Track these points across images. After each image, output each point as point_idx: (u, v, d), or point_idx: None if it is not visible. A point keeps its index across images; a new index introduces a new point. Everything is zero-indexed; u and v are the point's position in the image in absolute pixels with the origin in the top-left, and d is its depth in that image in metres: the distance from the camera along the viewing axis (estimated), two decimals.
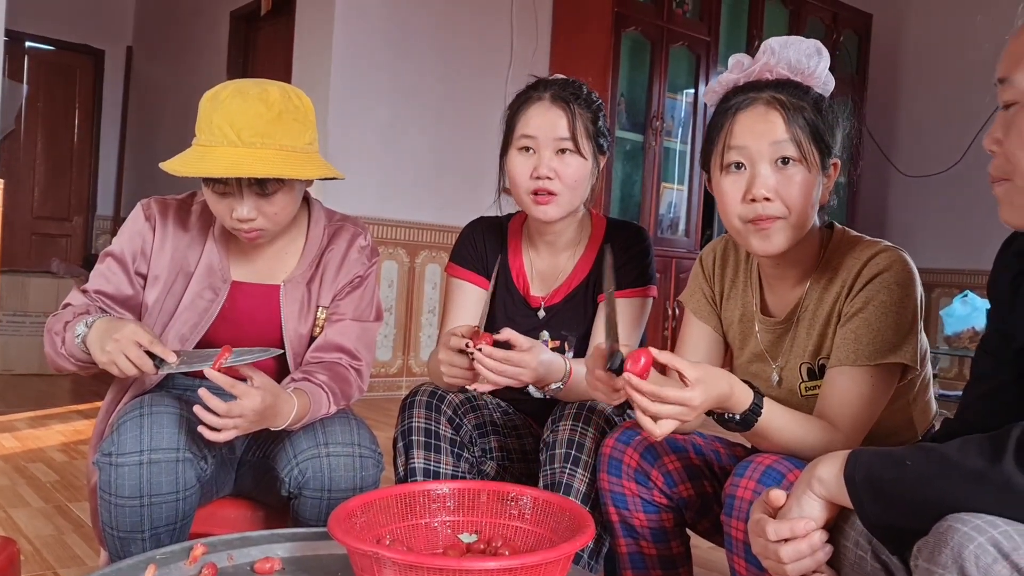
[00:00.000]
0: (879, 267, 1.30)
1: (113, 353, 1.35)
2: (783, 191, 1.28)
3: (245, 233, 1.49)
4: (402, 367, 4.93)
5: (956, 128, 5.69)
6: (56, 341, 1.45)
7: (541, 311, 1.73)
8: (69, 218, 7.15)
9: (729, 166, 1.31)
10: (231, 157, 1.39)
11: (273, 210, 1.47)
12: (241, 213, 1.45)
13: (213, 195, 1.47)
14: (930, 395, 1.45)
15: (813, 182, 1.29)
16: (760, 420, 1.22)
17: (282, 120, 1.42)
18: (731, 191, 1.31)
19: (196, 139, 1.44)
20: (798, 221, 1.29)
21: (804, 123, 1.28)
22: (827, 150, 1.31)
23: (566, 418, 1.51)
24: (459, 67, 4.98)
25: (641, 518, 1.41)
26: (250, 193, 1.44)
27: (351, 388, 1.58)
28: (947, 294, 5.68)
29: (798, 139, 1.27)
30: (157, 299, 1.58)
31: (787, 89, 1.31)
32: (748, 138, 1.29)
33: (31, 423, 3.70)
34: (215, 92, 1.44)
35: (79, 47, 6.97)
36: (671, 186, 5.31)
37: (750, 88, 1.32)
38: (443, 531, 1.33)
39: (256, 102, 1.41)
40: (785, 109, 1.28)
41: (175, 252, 1.58)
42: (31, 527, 2.34)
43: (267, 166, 1.39)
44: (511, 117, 1.65)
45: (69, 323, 1.44)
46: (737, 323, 1.50)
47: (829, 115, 1.32)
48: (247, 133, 1.39)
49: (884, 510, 0.87)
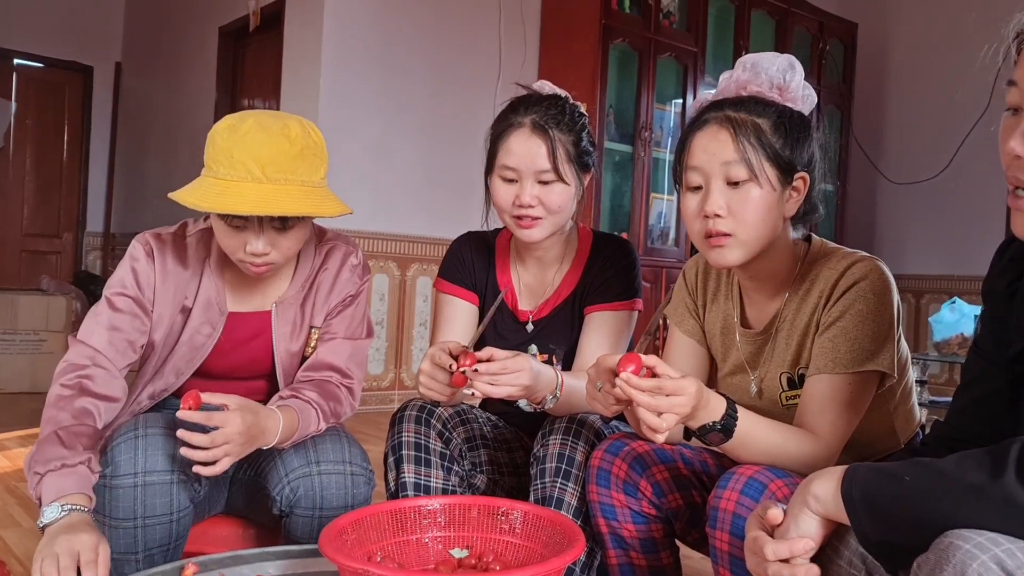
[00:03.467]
0: (855, 277, 1.32)
1: (45, 555, 1.22)
2: (735, 209, 1.30)
3: (255, 267, 1.47)
4: (394, 380, 4.93)
5: (943, 135, 5.74)
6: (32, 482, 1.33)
7: (529, 325, 1.74)
8: (59, 235, 7.12)
9: (689, 186, 1.34)
10: (257, 194, 1.37)
11: (288, 244, 1.47)
12: (256, 248, 1.44)
13: (228, 229, 1.44)
14: (912, 403, 1.47)
15: (769, 199, 1.30)
16: (738, 427, 1.23)
17: (304, 156, 1.41)
18: (691, 208, 1.35)
19: (211, 170, 1.41)
20: (750, 238, 1.31)
21: (756, 141, 1.29)
22: (786, 166, 1.31)
23: (556, 432, 1.52)
24: (448, 80, 5.00)
25: (630, 529, 1.42)
26: (269, 228, 1.43)
27: (342, 406, 1.58)
28: (936, 300, 5.71)
29: (747, 158, 1.28)
30: (162, 337, 1.56)
31: (747, 106, 1.32)
32: (702, 158, 1.32)
33: (22, 442, 3.68)
34: (233, 124, 1.41)
35: (68, 64, 6.96)
36: (660, 196, 5.33)
37: (713, 107, 1.35)
38: (434, 547, 1.34)
39: (279, 138, 1.40)
40: (735, 128, 1.30)
41: (176, 289, 1.56)
42: (22, 548, 2.32)
43: (293, 203, 1.39)
44: (493, 142, 1.65)
45: (45, 479, 1.31)
46: (719, 335, 1.51)
47: (793, 129, 1.32)
48: (271, 169, 1.38)
49: (882, 527, 0.86)
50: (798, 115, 1.35)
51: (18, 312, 4.93)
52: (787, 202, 1.33)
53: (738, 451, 1.27)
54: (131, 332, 1.53)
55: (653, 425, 1.16)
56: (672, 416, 1.17)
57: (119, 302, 1.53)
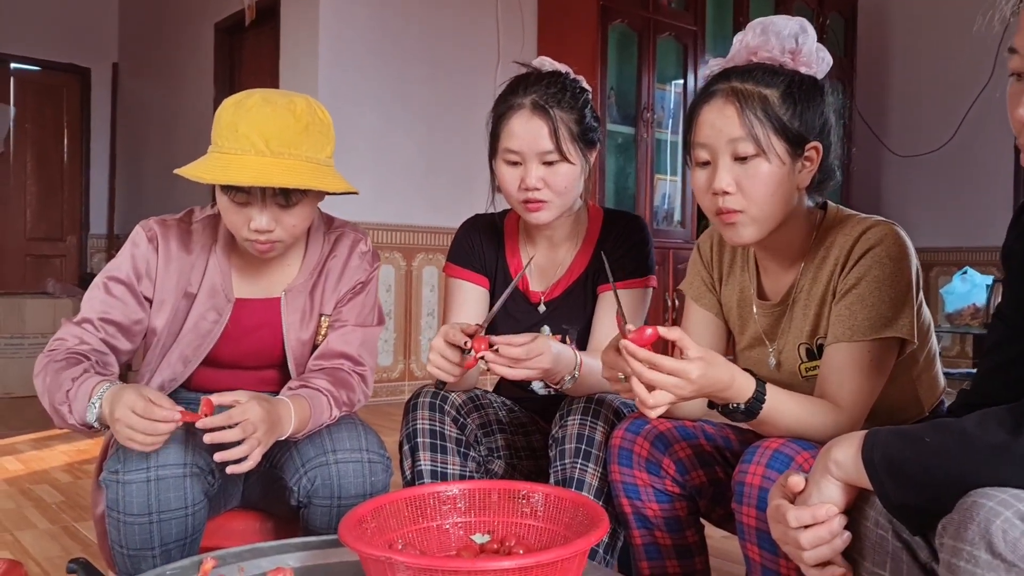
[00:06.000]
0: (871, 242, 1.29)
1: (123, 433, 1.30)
2: (744, 185, 1.27)
3: (260, 245, 1.46)
4: (403, 371, 4.91)
5: (947, 106, 5.70)
6: (63, 412, 1.38)
7: (541, 306, 1.72)
8: (63, 238, 7.12)
9: (698, 161, 1.32)
10: (258, 166, 1.36)
11: (292, 222, 1.45)
12: (260, 224, 1.42)
13: (232, 204, 1.43)
14: (936, 370, 1.44)
15: (779, 173, 1.27)
16: (764, 408, 1.21)
17: (309, 132, 1.40)
18: (700, 184, 1.32)
19: (216, 146, 1.41)
20: (761, 214, 1.28)
21: (763, 115, 1.25)
22: (796, 138, 1.27)
23: (574, 412, 1.50)
24: (447, 68, 4.97)
25: (654, 508, 1.40)
26: (272, 203, 1.42)
27: (355, 393, 1.57)
28: (945, 273, 5.67)
29: (754, 134, 1.25)
30: (165, 324, 1.55)
31: (755, 76, 1.28)
32: (709, 134, 1.29)
33: (34, 445, 3.68)
34: (239, 100, 1.41)
35: (65, 66, 6.94)
36: (664, 177, 5.30)
37: (721, 77, 1.31)
38: (455, 533, 1.32)
39: (284, 112, 1.39)
40: (741, 101, 1.26)
41: (180, 275, 1.55)
42: (38, 549, 2.32)
43: (295, 176, 1.37)
44: (494, 125, 1.63)
45: (77, 380, 1.38)
46: (736, 308, 1.49)
47: (804, 98, 1.28)
48: (275, 143, 1.37)
49: (904, 490, 0.85)
50: (809, 81, 1.31)
51: (25, 316, 4.92)
52: (800, 173, 1.30)
53: (763, 427, 1.25)
54: (121, 317, 1.52)
55: (642, 398, 1.14)
56: (665, 395, 1.14)
57: (112, 287, 1.53)
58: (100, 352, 1.50)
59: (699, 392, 1.16)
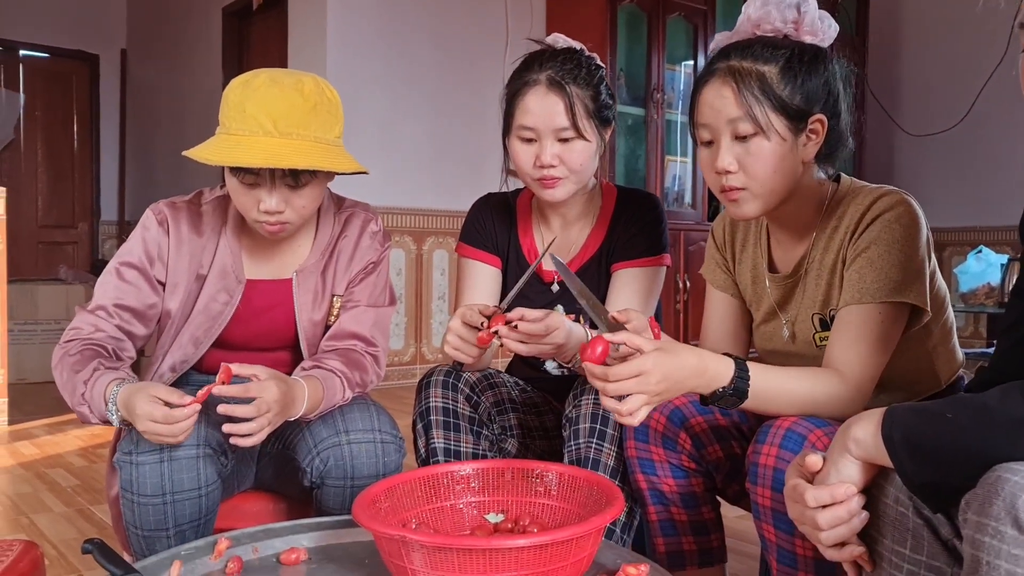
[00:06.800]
0: (881, 208, 1.28)
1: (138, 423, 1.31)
2: (745, 163, 1.27)
3: (269, 226, 1.45)
4: (415, 355, 4.92)
5: (960, 84, 5.63)
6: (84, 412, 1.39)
7: (555, 285, 1.70)
8: (74, 225, 7.14)
9: (701, 141, 1.32)
10: (268, 147, 1.35)
11: (301, 203, 1.44)
12: (270, 205, 1.41)
13: (241, 186, 1.42)
14: (953, 343, 1.42)
15: (780, 150, 1.26)
16: (752, 384, 1.19)
17: (317, 112, 1.39)
18: (705, 163, 1.33)
19: (223, 127, 1.40)
20: (764, 191, 1.28)
21: (761, 93, 1.24)
22: (797, 112, 1.26)
23: (588, 392, 1.49)
24: (455, 51, 4.95)
25: (670, 483, 1.40)
26: (282, 185, 1.41)
27: (367, 374, 1.56)
28: (959, 252, 5.62)
29: (752, 113, 1.24)
30: (179, 306, 1.55)
31: (754, 52, 1.27)
32: (709, 115, 1.29)
33: (49, 430, 3.70)
34: (246, 80, 1.40)
35: (73, 53, 6.94)
36: (675, 159, 5.27)
37: (721, 55, 1.30)
38: (469, 512, 1.32)
39: (292, 92, 1.38)
40: (738, 81, 1.25)
41: (191, 257, 1.55)
42: (54, 532, 2.33)
43: (304, 157, 1.36)
44: (508, 102, 1.61)
45: (88, 381, 1.38)
46: (751, 284, 1.49)
47: (805, 71, 1.27)
48: (283, 123, 1.36)
49: (925, 467, 0.84)
50: (811, 53, 1.29)
51: (38, 302, 4.94)
52: (804, 147, 1.29)
53: (763, 407, 1.23)
54: (135, 303, 1.52)
55: (615, 408, 1.13)
56: (636, 399, 1.12)
57: (125, 272, 1.53)
58: (116, 339, 1.50)
59: (669, 382, 1.14)
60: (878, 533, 0.93)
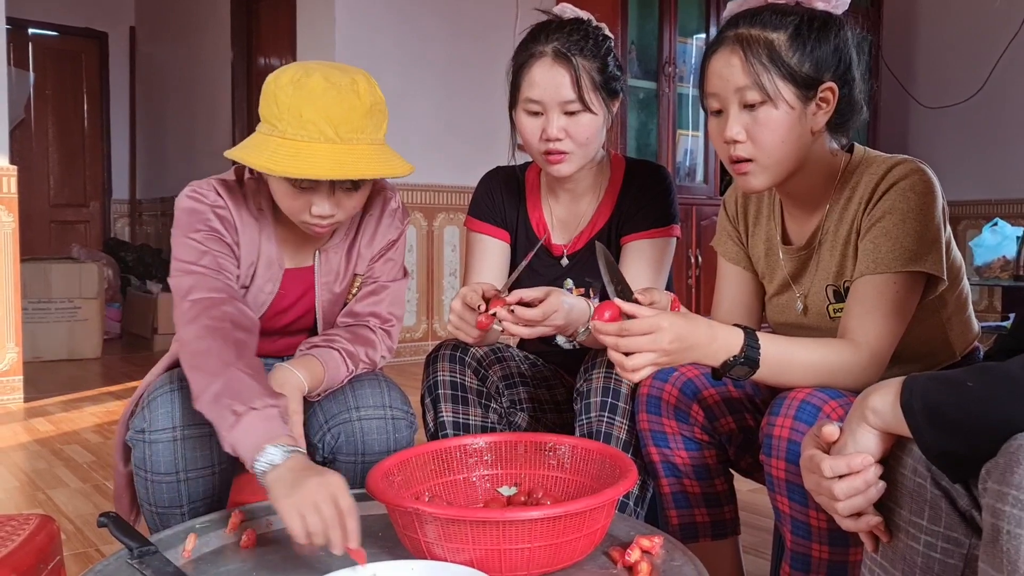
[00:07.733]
0: (896, 177, 1.27)
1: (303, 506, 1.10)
2: (753, 133, 1.26)
3: (320, 228, 1.41)
4: (426, 331, 4.93)
5: (975, 56, 5.55)
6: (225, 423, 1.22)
7: (564, 259, 1.69)
8: (86, 204, 7.17)
9: (711, 110, 1.32)
10: (332, 155, 1.30)
11: (353, 204, 1.41)
12: (323, 210, 1.37)
13: (293, 190, 1.37)
14: (969, 313, 1.41)
15: (788, 119, 1.25)
16: (763, 353, 1.19)
17: (372, 114, 1.35)
18: (714, 132, 1.32)
19: (276, 129, 1.33)
20: (772, 161, 1.27)
21: (769, 61, 1.23)
22: (806, 81, 1.24)
23: (599, 365, 1.48)
24: (464, 26, 4.91)
25: (683, 456, 1.39)
26: (339, 190, 1.38)
27: (375, 350, 1.54)
28: (974, 226, 5.57)
29: (760, 82, 1.23)
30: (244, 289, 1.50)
31: (763, 19, 1.26)
32: (717, 84, 1.28)
33: (64, 407, 3.73)
34: (297, 80, 1.32)
35: (82, 31, 6.94)
36: (687, 132, 5.23)
37: (730, 23, 1.29)
38: (482, 485, 1.32)
39: (350, 95, 1.32)
40: (746, 50, 1.24)
41: (248, 246, 1.50)
42: (71, 507, 2.35)
43: (368, 165, 1.33)
44: (514, 74, 1.59)
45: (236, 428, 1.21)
46: (764, 257, 1.47)
47: (814, 38, 1.25)
48: (344, 128, 1.32)
49: (945, 436, 0.83)
50: (822, 20, 1.27)
51: (51, 281, 4.96)
52: (814, 116, 1.27)
53: (776, 379, 1.22)
54: (230, 267, 1.45)
55: (620, 362, 1.14)
56: (644, 355, 1.13)
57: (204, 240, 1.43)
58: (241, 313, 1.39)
59: (680, 343, 1.15)
60: (895, 504, 0.93)
